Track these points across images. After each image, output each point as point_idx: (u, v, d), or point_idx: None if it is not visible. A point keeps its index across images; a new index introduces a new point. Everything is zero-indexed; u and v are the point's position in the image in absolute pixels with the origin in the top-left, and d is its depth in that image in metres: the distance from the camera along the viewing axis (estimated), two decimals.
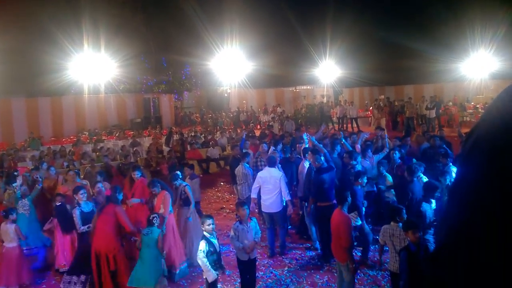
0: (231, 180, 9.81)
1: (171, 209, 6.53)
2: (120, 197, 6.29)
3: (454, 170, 7.06)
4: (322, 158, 6.90)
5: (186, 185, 7.11)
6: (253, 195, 7.39)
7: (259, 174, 7.42)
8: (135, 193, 7.16)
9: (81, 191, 6.27)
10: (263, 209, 7.31)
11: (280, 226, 7.27)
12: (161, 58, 27.87)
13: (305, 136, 8.46)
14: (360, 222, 6.51)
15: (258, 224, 7.57)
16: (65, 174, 8.34)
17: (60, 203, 6.68)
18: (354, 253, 5.81)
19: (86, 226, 6.03)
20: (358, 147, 8.77)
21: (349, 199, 5.51)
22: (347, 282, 5.28)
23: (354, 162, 7.46)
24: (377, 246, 6.16)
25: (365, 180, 6.73)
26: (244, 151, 9.40)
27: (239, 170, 8.42)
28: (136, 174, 7.51)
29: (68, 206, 6.70)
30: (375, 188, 7.53)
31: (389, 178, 7.56)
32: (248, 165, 8.52)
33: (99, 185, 7.03)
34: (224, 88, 31.05)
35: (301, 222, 7.94)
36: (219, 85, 30.09)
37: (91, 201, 6.52)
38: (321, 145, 7.78)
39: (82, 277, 6.09)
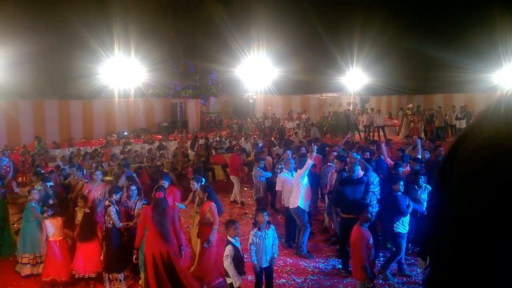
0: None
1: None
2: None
3: None
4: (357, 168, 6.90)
5: (210, 190, 6.98)
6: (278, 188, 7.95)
7: (282, 175, 7.93)
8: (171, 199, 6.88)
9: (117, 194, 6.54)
10: (289, 205, 7.56)
11: (299, 227, 7.45)
12: (189, 64, 28.29)
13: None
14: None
15: (282, 230, 7.60)
16: (92, 173, 8.41)
17: (89, 210, 6.80)
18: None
19: (125, 223, 6.31)
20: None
21: (369, 215, 5.33)
22: None
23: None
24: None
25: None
26: (258, 156, 9.89)
27: (254, 173, 9.32)
28: (164, 183, 7.02)
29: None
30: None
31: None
32: (261, 169, 9.21)
33: (133, 187, 7.03)
34: (250, 94, 31.19)
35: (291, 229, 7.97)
36: (245, 91, 30.26)
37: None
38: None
39: (124, 273, 6.35)
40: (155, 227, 5.72)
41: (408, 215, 6.29)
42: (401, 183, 6.38)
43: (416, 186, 6.93)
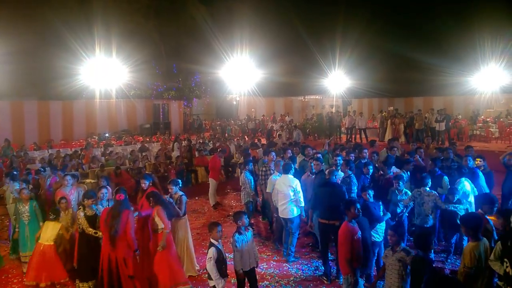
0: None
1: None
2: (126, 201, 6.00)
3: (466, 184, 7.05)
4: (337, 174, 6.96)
5: (182, 194, 6.81)
6: (274, 201, 7.64)
7: (273, 177, 7.74)
8: (144, 204, 6.57)
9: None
10: (279, 214, 7.44)
11: (291, 233, 7.33)
12: (172, 65, 28.13)
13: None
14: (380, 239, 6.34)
15: (265, 232, 7.61)
16: (61, 179, 8.09)
17: (58, 208, 6.71)
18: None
19: (94, 231, 6.06)
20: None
21: (355, 211, 5.26)
22: None
23: (350, 171, 7.47)
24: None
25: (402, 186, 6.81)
26: (245, 158, 9.61)
27: (241, 177, 8.94)
28: (145, 183, 6.87)
29: None
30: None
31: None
32: (248, 173, 8.85)
33: (104, 190, 6.91)
34: (233, 96, 31.18)
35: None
36: (228, 93, 30.24)
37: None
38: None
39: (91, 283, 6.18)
40: (106, 230, 5.66)
41: (384, 223, 6.22)
42: (370, 191, 6.36)
43: (396, 191, 6.98)
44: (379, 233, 6.20)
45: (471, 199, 7.00)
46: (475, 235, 4.53)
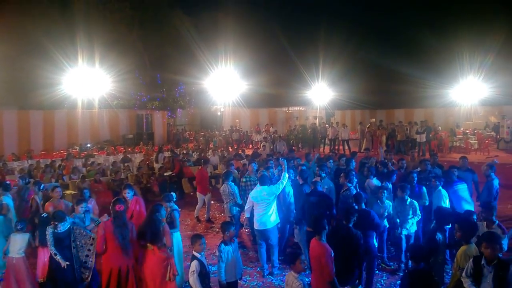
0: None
1: None
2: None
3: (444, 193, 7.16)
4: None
5: (175, 209, 6.75)
6: (247, 214, 7.43)
7: (250, 194, 7.47)
8: (132, 217, 6.48)
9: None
10: (255, 227, 7.30)
11: (272, 245, 7.22)
12: (156, 75, 27.98)
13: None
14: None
15: (249, 244, 7.59)
16: (51, 191, 7.99)
17: (46, 215, 6.60)
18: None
19: (54, 252, 5.81)
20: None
21: (327, 227, 5.19)
22: None
23: (350, 184, 7.46)
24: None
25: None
26: (226, 170, 9.48)
27: (224, 188, 8.67)
28: (127, 193, 6.80)
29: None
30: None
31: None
32: (233, 184, 8.76)
33: (84, 204, 6.79)
34: (217, 106, 31.18)
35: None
36: (212, 104, 30.23)
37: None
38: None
39: None
40: (116, 241, 5.56)
41: None
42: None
43: (379, 201, 7.05)
44: None
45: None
46: (467, 240, 4.74)
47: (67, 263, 5.78)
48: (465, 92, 24.78)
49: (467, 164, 9.04)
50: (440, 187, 7.22)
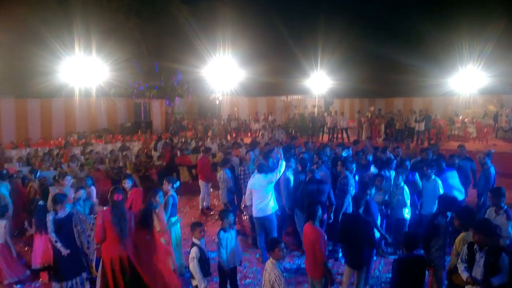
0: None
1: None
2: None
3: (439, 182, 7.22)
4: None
5: (172, 195, 6.76)
6: (247, 203, 7.51)
7: (249, 182, 7.52)
8: (135, 203, 6.50)
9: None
10: (253, 214, 7.33)
11: (270, 232, 7.27)
12: (154, 64, 27.81)
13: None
14: (378, 235, 6.47)
15: (248, 230, 7.64)
16: (61, 180, 7.92)
17: (43, 203, 6.62)
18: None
19: (54, 239, 5.87)
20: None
21: (320, 213, 5.30)
22: None
23: (347, 172, 7.48)
24: None
25: (373, 191, 6.76)
26: (225, 157, 9.55)
27: (221, 175, 8.81)
28: (127, 183, 6.81)
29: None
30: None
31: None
32: (228, 171, 8.86)
33: (82, 191, 6.83)
34: (215, 95, 31.08)
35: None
36: (211, 92, 30.12)
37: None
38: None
39: (79, 278, 6.11)
40: (113, 231, 5.55)
41: None
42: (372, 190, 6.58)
43: (377, 189, 7.11)
44: None
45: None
46: (466, 227, 4.74)
47: (68, 251, 5.81)
48: (464, 81, 24.72)
49: (465, 153, 9.07)
50: (433, 176, 7.25)
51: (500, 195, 5.56)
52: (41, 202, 6.67)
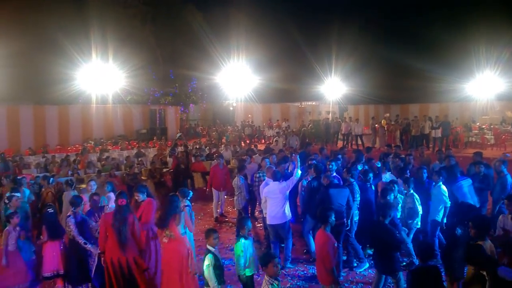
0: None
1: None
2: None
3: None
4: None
5: (187, 205, 6.72)
6: (263, 210, 7.59)
7: (264, 189, 7.49)
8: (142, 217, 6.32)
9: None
10: (268, 222, 7.33)
11: (284, 239, 7.30)
12: (169, 70, 28.15)
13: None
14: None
15: (262, 236, 7.61)
16: (87, 184, 8.30)
17: (52, 211, 6.71)
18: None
19: (83, 241, 6.09)
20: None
21: (333, 219, 5.31)
22: None
23: (352, 180, 7.47)
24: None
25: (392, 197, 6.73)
26: (240, 164, 9.55)
27: (236, 181, 8.95)
28: (140, 197, 6.40)
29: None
30: None
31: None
32: (243, 178, 8.96)
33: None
34: (230, 101, 31.22)
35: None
36: (225, 99, 30.28)
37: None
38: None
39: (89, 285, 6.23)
40: (114, 234, 5.64)
41: None
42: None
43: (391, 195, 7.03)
44: None
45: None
46: (482, 236, 4.66)
47: (98, 250, 5.95)
48: (481, 86, 24.37)
49: (481, 159, 8.92)
50: (441, 183, 7.13)
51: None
52: (50, 209, 6.71)
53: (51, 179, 9.52)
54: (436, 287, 4.37)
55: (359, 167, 8.31)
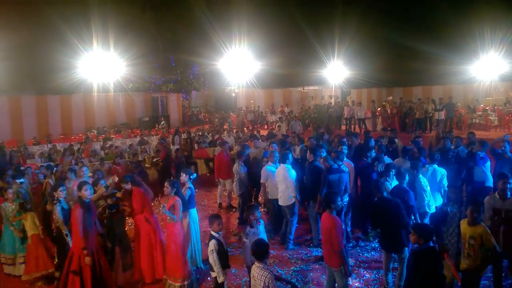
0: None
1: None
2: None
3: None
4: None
5: (189, 187, 6.75)
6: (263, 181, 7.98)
7: (267, 167, 7.91)
8: (136, 206, 6.39)
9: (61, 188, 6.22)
10: (280, 203, 7.62)
11: (288, 221, 7.59)
12: (170, 57, 27.99)
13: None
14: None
15: (265, 220, 7.66)
16: (79, 170, 8.54)
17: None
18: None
19: (65, 233, 6.08)
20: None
21: (339, 203, 5.33)
22: (340, 287, 5.23)
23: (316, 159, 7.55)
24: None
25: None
26: (240, 150, 9.47)
27: (236, 167, 8.96)
28: (126, 187, 6.49)
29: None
30: None
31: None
32: (243, 164, 8.97)
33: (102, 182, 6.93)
34: (232, 87, 31.10)
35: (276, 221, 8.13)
36: (227, 85, 30.15)
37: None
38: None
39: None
40: (83, 224, 5.60)
41: None
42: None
43: (388, 178, 6.95)
44: None
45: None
46: (427, 242, 4.51)
47: (69, 245, 5.91)
48: (485, 67, 24.11)
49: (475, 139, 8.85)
50: (435, 165, 7.12)
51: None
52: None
53: (54, 168, 9.55)
54: (436, 268, 4.39)
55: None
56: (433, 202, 6.75)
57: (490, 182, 7.56)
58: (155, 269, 6.35)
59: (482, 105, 23.14)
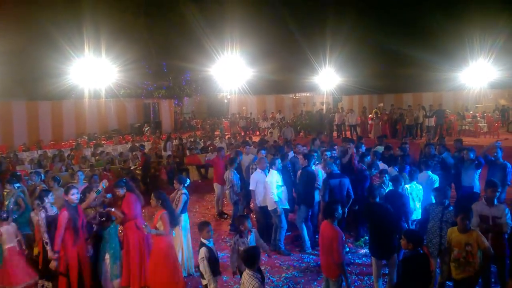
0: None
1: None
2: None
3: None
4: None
5: (184, 193, 6.75)
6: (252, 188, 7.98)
7: (256, 174, 7.98)
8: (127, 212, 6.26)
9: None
10: (269, 208, 7.66)
11: (278, 227, 7.60)
12: (162, 64, 27.97)
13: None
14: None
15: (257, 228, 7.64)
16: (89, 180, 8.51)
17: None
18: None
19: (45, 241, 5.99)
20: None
21: (339, 212, 5.22)
22: None
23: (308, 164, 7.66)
24: None
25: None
26: (232, 157, 9.38)
27: (227, 175, 8.82)
28: (120, 192, 6.28)
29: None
30: None
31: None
32: (235, 172, 8.85)
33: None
34: (224, 94, 31.12)
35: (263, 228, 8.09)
36: (219, 91, 30.17)
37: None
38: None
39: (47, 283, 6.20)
40: (71, 228, 5.64)
41: None
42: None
43: (383, 185, 7.04)
44: None
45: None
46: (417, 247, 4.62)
47: (56, 255, 5.82)
48: (475, 74, 24.42)
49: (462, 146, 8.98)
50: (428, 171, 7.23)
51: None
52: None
53: (42, 175, 9.44)
54: (425, 274, 4.43)
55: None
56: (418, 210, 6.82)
57: (477, 188, 7.68)
58: (144, 277, 6.28)
59: (471, 112, 23.40)
